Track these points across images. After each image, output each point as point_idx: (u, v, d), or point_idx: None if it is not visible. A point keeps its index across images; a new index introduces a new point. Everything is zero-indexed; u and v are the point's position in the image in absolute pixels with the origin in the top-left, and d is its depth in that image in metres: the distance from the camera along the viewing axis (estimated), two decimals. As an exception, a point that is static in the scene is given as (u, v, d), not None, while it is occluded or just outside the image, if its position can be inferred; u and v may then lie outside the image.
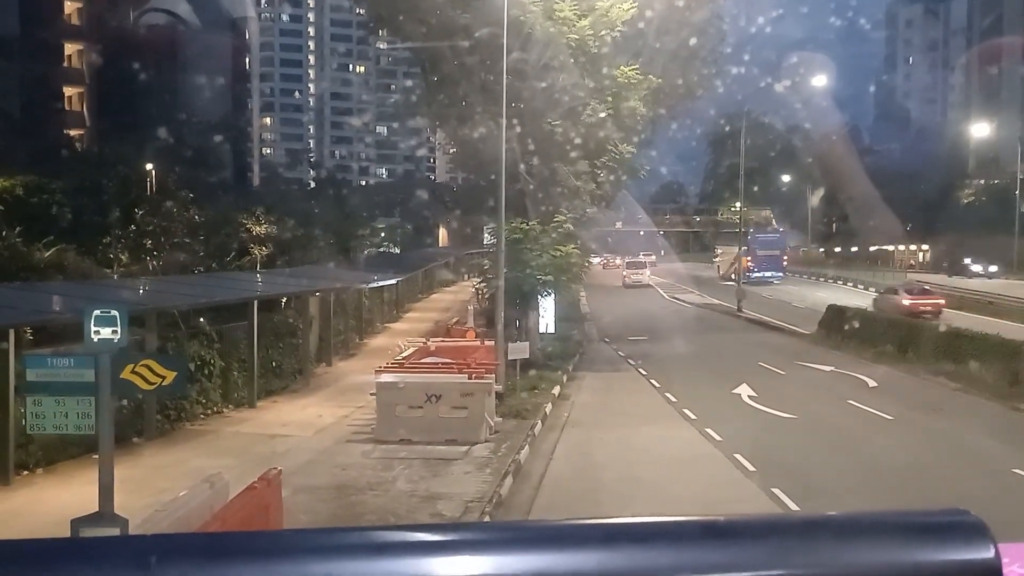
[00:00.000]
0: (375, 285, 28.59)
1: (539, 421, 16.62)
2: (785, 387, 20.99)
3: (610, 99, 20.23)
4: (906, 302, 31.73)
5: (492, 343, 19.54)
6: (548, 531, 0.82)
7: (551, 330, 26.97)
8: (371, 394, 15.35)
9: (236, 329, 18.27)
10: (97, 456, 7.82)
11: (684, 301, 45.34)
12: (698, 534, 0.78)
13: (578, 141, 20.46)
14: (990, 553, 0.73)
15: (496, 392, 16.71)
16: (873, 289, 47.85)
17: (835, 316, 28.20)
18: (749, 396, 19.52)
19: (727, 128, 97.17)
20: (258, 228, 31.07)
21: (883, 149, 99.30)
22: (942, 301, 33.27)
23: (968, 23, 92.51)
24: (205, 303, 17.67)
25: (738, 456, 13.84)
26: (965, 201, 76.93)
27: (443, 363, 16.88)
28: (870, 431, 16.02)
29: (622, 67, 20.20)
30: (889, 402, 18.29)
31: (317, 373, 21.89)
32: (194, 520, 7.82)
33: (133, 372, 6.09)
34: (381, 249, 48.83)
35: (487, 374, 15.78)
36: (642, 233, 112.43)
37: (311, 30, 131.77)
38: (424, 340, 19.83)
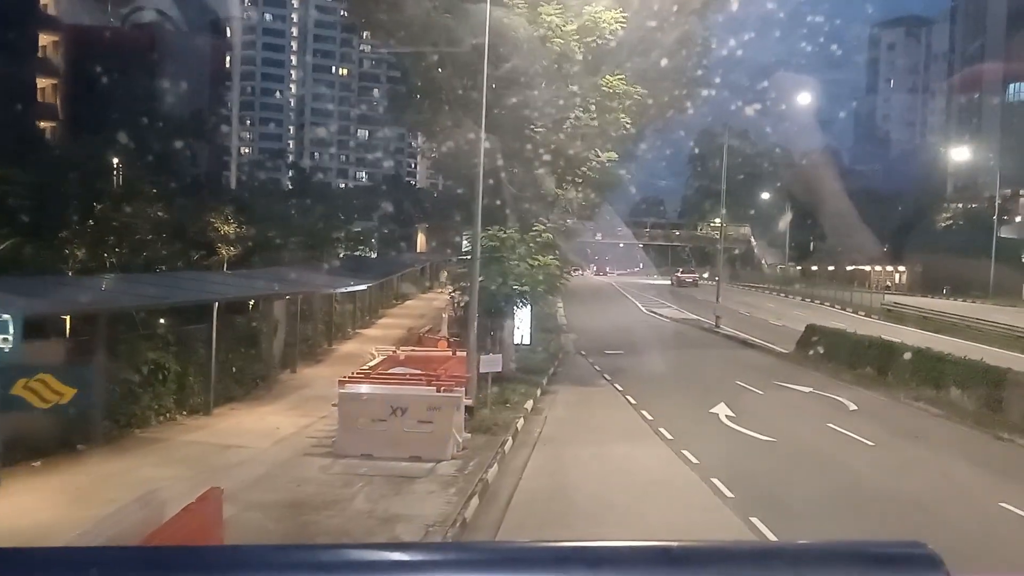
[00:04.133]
0: (342, 290, 27.73)
1: (510, 437, 15.92)
2: (764, 408, 20.45)
3: (594, 108, 19.66)
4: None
5: (464, 354, 18.85)
6: (502, 552, 0.78)
7: (527, 341, 26.35)
8: (333, 405, 14.58)
9: (195, 332, 17.43)
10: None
11: (662, 315, 44.94)
12: (653, 559, 0.74)
13: (560, 150, 19.88)
14: None
15: (466, 406, 16.02)
16: (850, 310, 47.71)
17: (814, 336, 27.76)
18: (727, 416, 18.95)
19: (708, 145, 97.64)
20: (226, 228, 30.14)
21: (862, 171, 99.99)
22: None
23: (949, 48, 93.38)
24: (152, 304, 16.76)
25: (715, 481, 13.23)
26: (942, 224, 77.35)
27: (411, 374, 16.16)
28: (851, 457, 15.47)
29: (608, 76, 19.63)
30: (870, 427, 17.78)
31: (281, 380, 21.07)
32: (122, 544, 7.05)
33: (26, 388, 5.34)
34: (356, 253, 47.92)
35: (456, 387, 15.07)
36: (622, 246, 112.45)
37: (294, 31, 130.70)
38: (393, 349, 19.08)
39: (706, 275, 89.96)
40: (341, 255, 52.72)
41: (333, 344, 27.70)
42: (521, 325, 24.62)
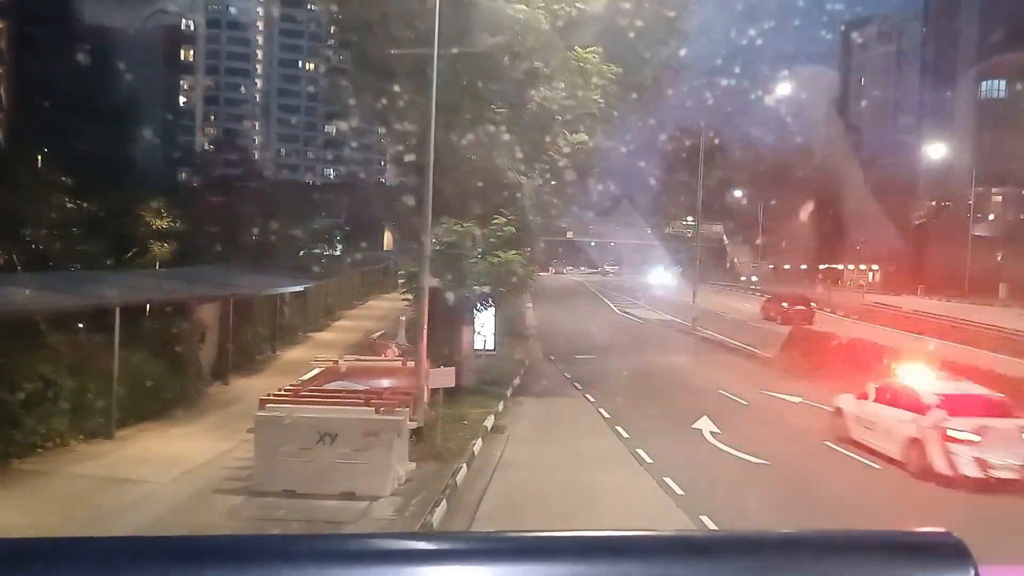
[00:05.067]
0: (276, 291, 25.10)
1: (464, 464, 13.55)
2: (751, 422, 18.28)
3: (563, 85, 17.37)
4: (784, 304, 40.41)
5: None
6: (527, 542, 0.77)
7: (490, 347, 24.00)
8: (248, 431, 12.12)
9: (100, 342, 14.85)
10: None
11: (636, 316, 42.80)
12: (678, 549, 0.75)
13: (524, 133, 17.58)
14: (970, 574, 0.70)
15: (414, 428, 13.66)
16: (829, 310, 45.91)
17: (799, 340, 25.68)
18: (712, 433, 16.74)
19: (680, 143, 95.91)
20: (158, 222, 27.37)
21: (834, 168, 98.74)
22: (812, 308, 40.25)
23: (922, 45, 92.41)
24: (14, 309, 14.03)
25: (705, 519, 10.98)
26: (916, 222, 76.22)
27: (348, 391, 13.73)
28: (860, 487, 13.32)
29: (578, 48, 17.32)
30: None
31: (209, 394, 18.50)
32: None
33: None
34: (314, 251, 45.23)
35: (400, 407, 12.67)
36: (593, 244, 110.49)
37: (260, 24, 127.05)
38: (335, 359, 16.61)
39: (677, 274, 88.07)
40: (300, 253, 50.03)
41: (278, 350, 25.13)
42: (484, 330, 22.27)
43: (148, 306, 18.39)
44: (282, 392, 13.30)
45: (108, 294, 15.13)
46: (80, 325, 15.44)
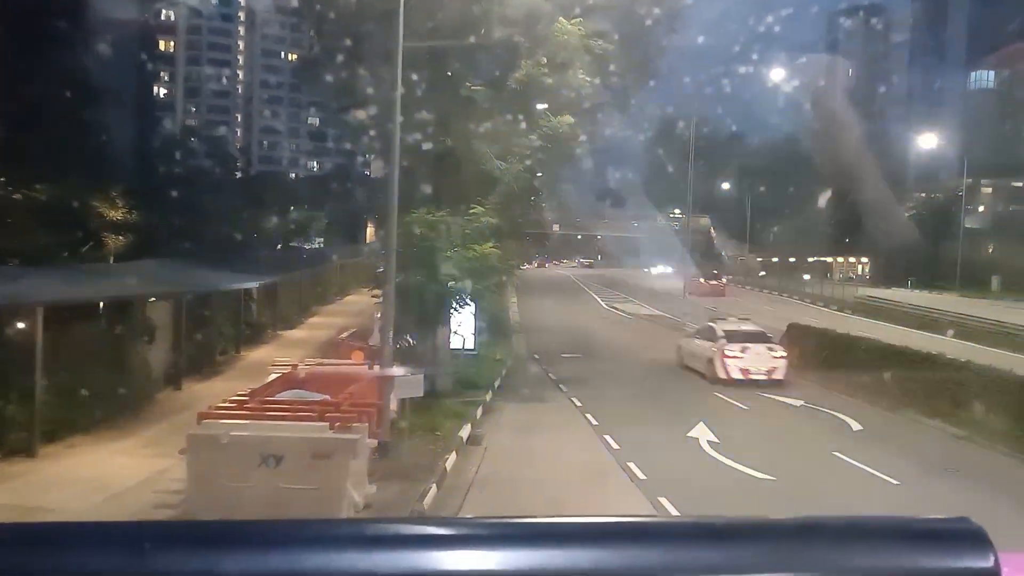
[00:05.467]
0: (238, 287, 23.32)
1: (434, 484, 11.94)
2: (751, 429, 16.75)
3: (545, 61, 15.72)
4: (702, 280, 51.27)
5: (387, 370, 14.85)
6: (542, 528, 0.77)
7: (470, 347, 22.34)
8: (180, 452, 10.45)
9: (24, 345, 13.13)
10: None
11: (623, 311, 41.18)
12: (696, 534, 0.75)
13: (505, 113, 15.95)
14: (989, 562, 0.72)
15: (380, 442, 12.05)
16: (821, 304, 44.53)
17: (797, 337, 24.17)
18: (709, 443, 15.19)
19: (668, 134, 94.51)
20: (112, 213, 25.47)
21: (823, 160, 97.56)
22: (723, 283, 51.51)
23: (910, 37, 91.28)
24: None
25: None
26: (906, 214, 75.02)
27: (301, 403, 12.07)
28: (878, 506, 11.79)
29: (562, 19, 15.65)
30: (885, 456, 14.16)
31: (158, 401, 16.80)
32: None
33: None
34: (292, 244, 43.38)
35: (360, 420, 11.04)
36: (580, 237, 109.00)
37: (242, 15, 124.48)
38: (293, 364, 14.93)
39: (669, 267, 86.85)
40: (278, 246, 48.18)
41: (243, 350, 23.40)
42: (461, 328, 20.60)
43: (98, 305, 16.68)
44: (225, 404, 11.63)
45: (26, 292, 13.37)
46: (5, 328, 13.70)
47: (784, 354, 21.47)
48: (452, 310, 17.57)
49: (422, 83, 15.67)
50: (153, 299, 18.05)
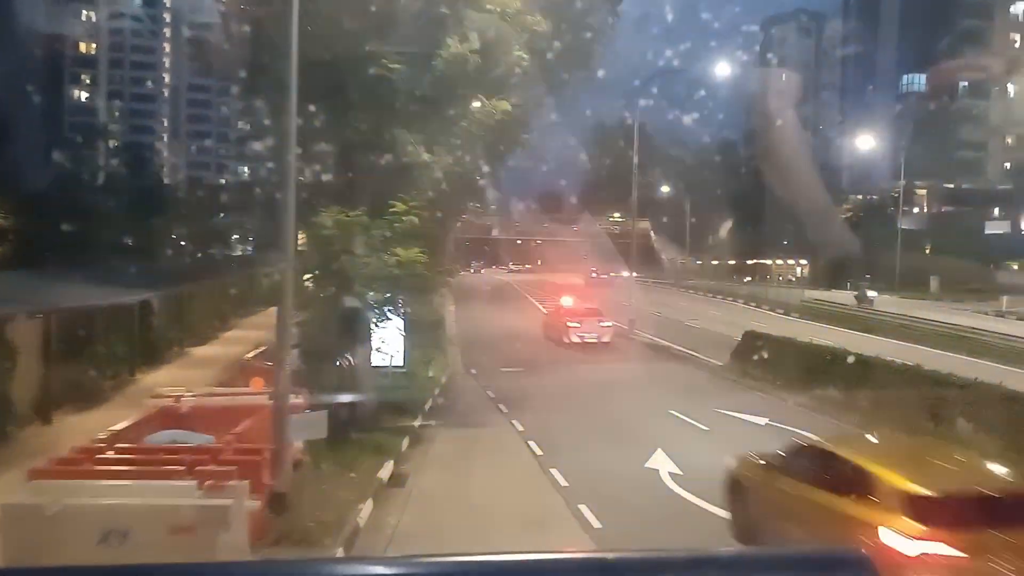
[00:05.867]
0: (123, 301, 20.38)
1: (340, 548, 9.52)
2: (716, 456, 14.66)
3: (475, 35, 13.47)
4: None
5: (295, 394, 12.40)
6: (455, 566, 0.78)
7: (397, 364, 19.89)
8: (-13, 529, 7.83)
9: None
10: None
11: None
12: (590, 570, 0.76)
13: (429, 97, 13.63)
14: None
15: (271, 495, 9.59)
16: (767, 307, 43.21)
17: (754, 346, 22.34)
18: (671, 475, 13.12)
19: (606, 139, 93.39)
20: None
21: (758, 164, 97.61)
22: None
23: (842, 42, 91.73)
24: None
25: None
26: (843, 217, 74.97)
27: (171, 451, 9.56)
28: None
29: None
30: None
31: (20, 438, 13.98)
32: None
33: None
34: (212, 252, 40.25)
35: (240, 475, 8.58)
36: (519, 242, 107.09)
37: (167, 16, 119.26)
38: (178, 394, 12.33)
39: (607, 272, 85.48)
40: (198, 255, 44.89)
41: (139, 372, 20.52)
42: (388, 343, 18.12)
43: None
44: (67, 457, 9.04)
45: None
46: None
47: (610, 324, 30.17)
48: (374, 325, 15.14)
49: (332, 62, 13.26)
50: (20, 317, 15.15)
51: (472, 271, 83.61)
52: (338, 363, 14.40)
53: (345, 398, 14.32)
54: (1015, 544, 6.73)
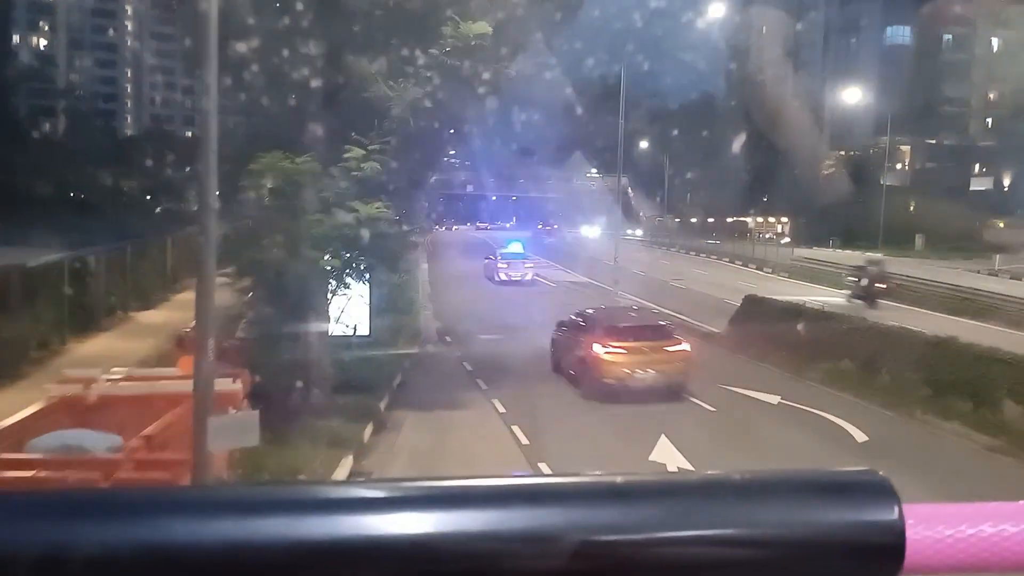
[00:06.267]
0: (47, 259, 17.91)
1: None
2: (727, 443, 12.67)
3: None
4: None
5: (236, 383, 10.19)
6: (436, 490, 0.71)
7: (362, 333, 17.63)
8: None
9: None
10: None
11: (546, 279, 36.86)
12: (595, 493, 0.72)
13: (393, 16, 11.19)
14: (894, 514, 0.70)
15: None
16: (753, 266, 41.33)
17: (756, 312, 20.31)
18: (680, 471, 11.07)
19: (586, 91, 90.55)
20: None
21: (736, 118, 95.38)
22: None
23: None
24: None
25: None
26: (825, 173, 73.22)
27: (58, 461, 7.32)
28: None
29: None
30: (913, 483, 10.32)
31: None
32: None
33: None
34: (164, 207, 37.39)
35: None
36: (494, 199, 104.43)
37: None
38: (92, 377, 10.04)
39: (596, 228, 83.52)
40: (158, 209, 41.97)
41: (71, 341, 18.10)
42: (351, 310, 15.84)
43: None
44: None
45: None
46: None
47: (533, 264, 37.56)
48: (332, 292, 12.84)
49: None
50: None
51: (446, 228, 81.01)
52: (289, 337, 12.13)
53: (296, 379, 12.12)
54: (646, 346, 15.09)
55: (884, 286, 28.29)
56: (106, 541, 0.64)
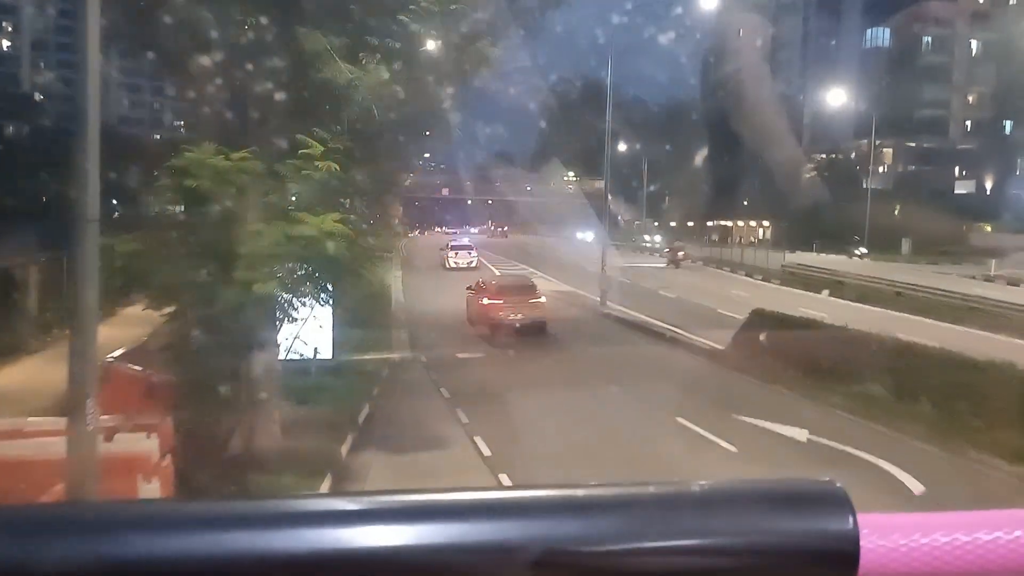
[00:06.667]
0: None
1: None
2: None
3: None
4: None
5: (147, 433, 7.96)
6: (402, 504, 0.72)
7: (324, 356, 15.34)
8: None
9: None
10: None
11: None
12: (556, 505, 0.72)
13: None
14: (849, 523, 0.71)
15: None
16: (743, 273, 39.45)
17: (764, 327, 18.26)
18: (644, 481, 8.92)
19: (565, 94, 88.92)
20: None
21: (716, 122, 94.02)
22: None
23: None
24: None
25: None
26: (806, 176, 71.81)
27: None
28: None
29: None
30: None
31: None
32: None
33: None
34: (120, 210, 34.75)
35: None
36: (469, 202, 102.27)
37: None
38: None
39: (589, 232, 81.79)
40: (115, 214, 39.21)
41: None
42: (305, 332, 13.55)
43: None
44: None
45: None
46: None
47: (476, 255, 42.89)
48: (282, 318, 10.56)
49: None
50: None
51: (421, 232, 78.69)
52: (226, 372, 9.84)
53: (235, 423, 9.86)
54: (516, 299, 21.92)
55: (683, 255, 46.78)
56: (70, 556, 0.62)
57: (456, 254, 42.89)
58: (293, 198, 8.77)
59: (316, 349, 14.39)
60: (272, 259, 8.44)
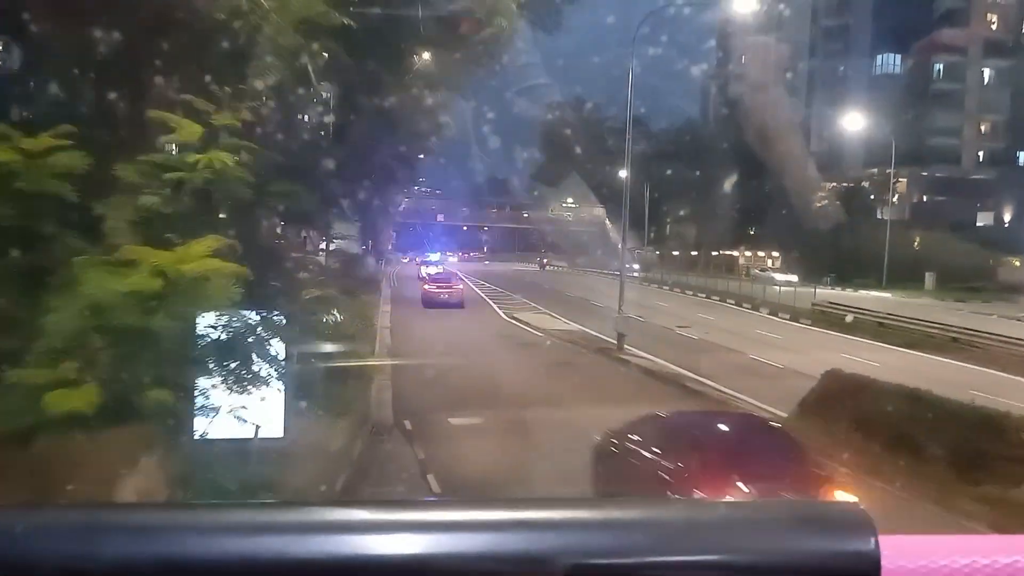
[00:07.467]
0: None
1: None
2: None
3: None
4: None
5: None
6: (431, 514, 0.72)
7: (273, 435, 11.19)
8: None
9: None
10: None
11: (531, 327, 30.21)
12: (584, 519, 0.72)
13: None
14: (870, 544, 0.71)
15: None
16: (766, 311, 35.42)
17: (848, 395, 14.12)
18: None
19: (560, 120, 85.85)
20: None
21: (723, 149, 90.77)
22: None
23: (811, 19, 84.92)
24: None
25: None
26: (816, 205, 68.21)
27: None
28: None
29: None
30: None
31: None
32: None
33: None
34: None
35: None
36: (465, 228, 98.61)
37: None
38: None
39: (557, 262, 78.57)
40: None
41: None
42: (254, 399, 9.49)
43: None
44: None
45: None
46: None
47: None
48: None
49: None
50: None
51: (411, 261, 74.37)
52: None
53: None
54: (444, 285, 36.98)
55: (547, 263, 58.55)
56: (121, 556, 0.63)
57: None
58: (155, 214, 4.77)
59: (257, 428, 10.38)
60: (84, 337, 4.43)
